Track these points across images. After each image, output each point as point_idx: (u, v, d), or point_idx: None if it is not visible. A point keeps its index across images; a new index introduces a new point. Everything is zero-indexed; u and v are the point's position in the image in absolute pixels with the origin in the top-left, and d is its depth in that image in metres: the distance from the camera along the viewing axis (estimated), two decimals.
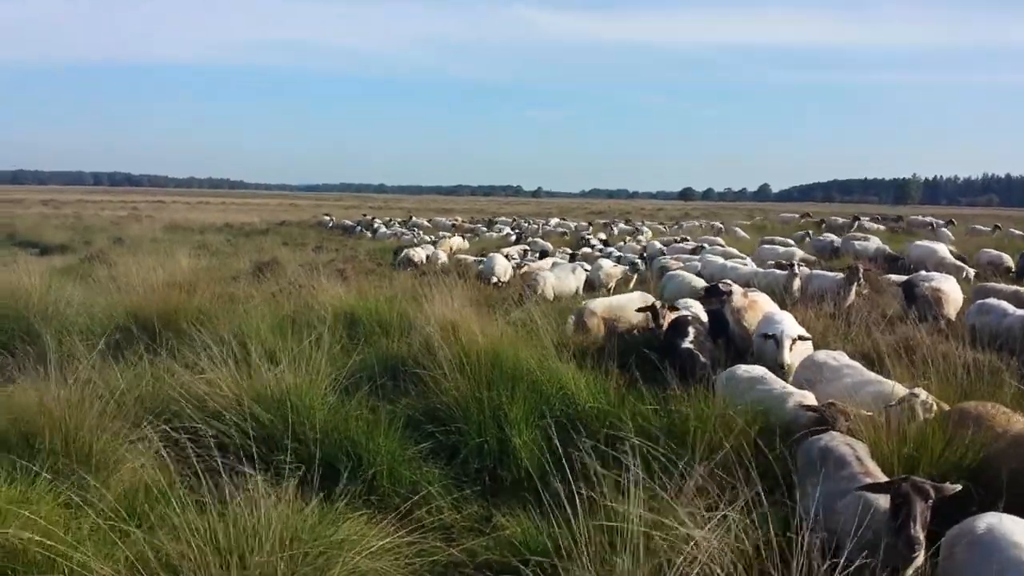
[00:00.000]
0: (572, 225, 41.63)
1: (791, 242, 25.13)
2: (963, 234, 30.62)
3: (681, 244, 24.49)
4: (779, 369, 7.86)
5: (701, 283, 13.61)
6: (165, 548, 4.16)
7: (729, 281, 11.73)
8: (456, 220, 47.24)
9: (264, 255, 21.59)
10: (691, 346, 8.31)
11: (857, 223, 35.51)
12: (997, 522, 3.99)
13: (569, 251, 23.22)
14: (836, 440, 5.33)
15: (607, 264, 17.55)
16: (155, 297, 10.65)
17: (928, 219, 39.03)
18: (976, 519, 4.11)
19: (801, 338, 8.32)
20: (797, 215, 47.99)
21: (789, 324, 8.86)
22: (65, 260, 21.21)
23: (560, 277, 15.51)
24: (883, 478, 4.85)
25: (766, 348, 8.43)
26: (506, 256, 19.90)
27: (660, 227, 41.54)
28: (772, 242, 25.16)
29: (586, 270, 16.68)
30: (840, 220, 39.44)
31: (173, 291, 11.08)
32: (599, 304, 11.31)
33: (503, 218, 50.94)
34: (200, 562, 3.96)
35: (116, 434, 5.88)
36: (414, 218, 48.55)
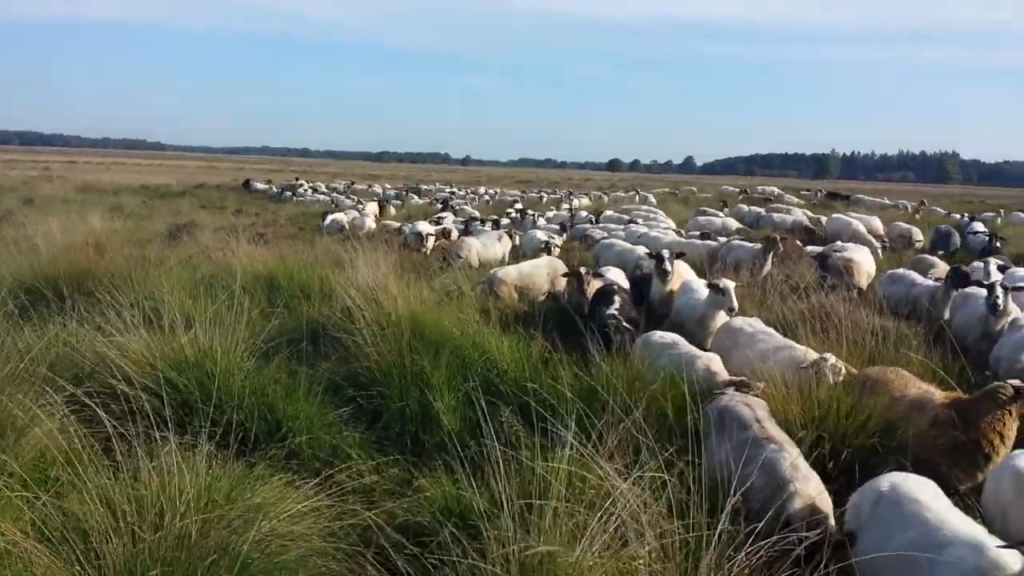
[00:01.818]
0: (519, 194, 41.54)
1: (721, 214, 25.53)
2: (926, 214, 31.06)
3: (619, 215, 24.39)
4: (720, 318, 8.51)
5: (642, 251, 13.68)
6: (74, 512, 4.06)
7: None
8: (394, 188, 46.35)
9: (181, 218, 21.07)
10: (616, 313, 8.43)
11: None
12: (900, 480, 4.18)
13: (494, 218, 23.19)
14: (734, 400, 5.47)
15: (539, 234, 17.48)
16: (66, 259, 10.31)
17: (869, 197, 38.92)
18: (880, 479, 4.29)
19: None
20: (736, 189, 47.78)
21: (704, 291, 9.15)
22: None
23: (486, 244, 15.50)
24: (779, 435, 5.02)
25: (707, 302, 8.76)
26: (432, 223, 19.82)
27: (587, 198, 41.62)
28: (706, 213, 25.58)
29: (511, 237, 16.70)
30: (795, 200, 37.48)
31: (85, 253, 10.75)
32: (509, 272, 11.42)
33: (439, 186, 50.16)
34: (110, 526, 3.87)
35: (24, 399, 5.68)
36: (354, 184, 47.58)
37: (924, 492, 4.05)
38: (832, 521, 4.52)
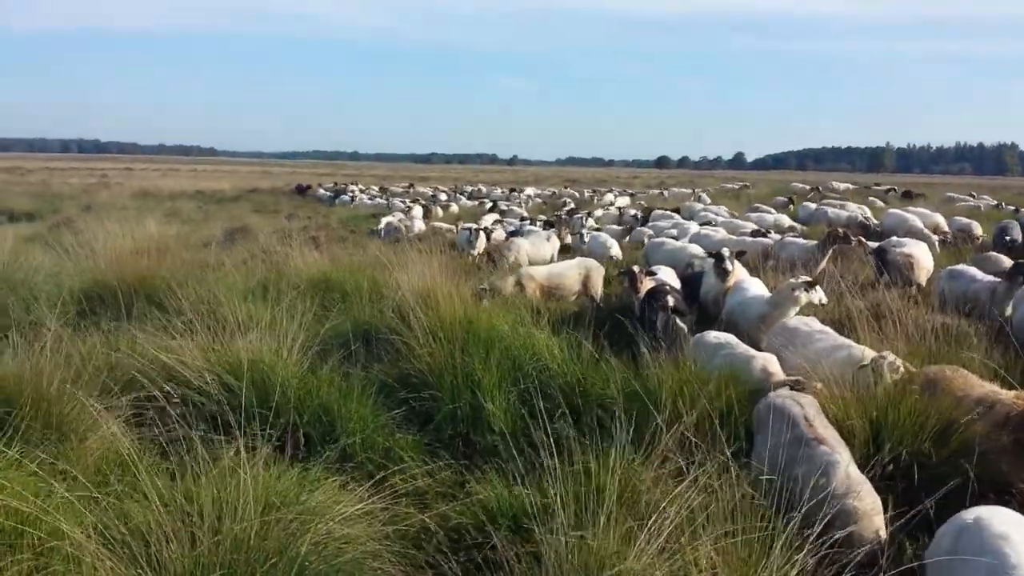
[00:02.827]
0: (576, 194, 41.42)
1: (773, 210, 25.21)
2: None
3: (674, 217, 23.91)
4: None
5: (695, 249, 13.56)
6: (135, 516, 4.13)
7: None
8: (444, 191, 46.37)
9: (235, 222, 21.41)
10: (670, 312, 8.35)
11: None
12: (986, 513, 4.02)
13: (543, 218, 23.17)
14: (783, 397, 5.37)
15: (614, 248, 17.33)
16: (124, 264, 10.52)
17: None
18: (968, 511, 4.13)
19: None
20: (807, 186, 44.11)
21: (757, 289, 9.01)
22: (32, 228, 20.86)
23: (535, 244, 15.48)
24: (829, 435, 4.91)
25: (780, 299, 8.54)
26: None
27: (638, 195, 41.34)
28: (758, 209, 25.30)
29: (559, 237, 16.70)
30: (878, 203, 32.32)
31: (143, 258, 10.95)
32: (539, 271, 11.51)
33: (484, 188, 50.03)
34: (171, 529, 3.94)
35: (85, 403, 5.81)
36: (413, 186, 47.77)
37: (1012, 527, 3.88)
38: (884, 529, 4.44)
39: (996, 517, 3.89)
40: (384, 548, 4.54)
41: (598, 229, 19.29)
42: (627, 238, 18.92)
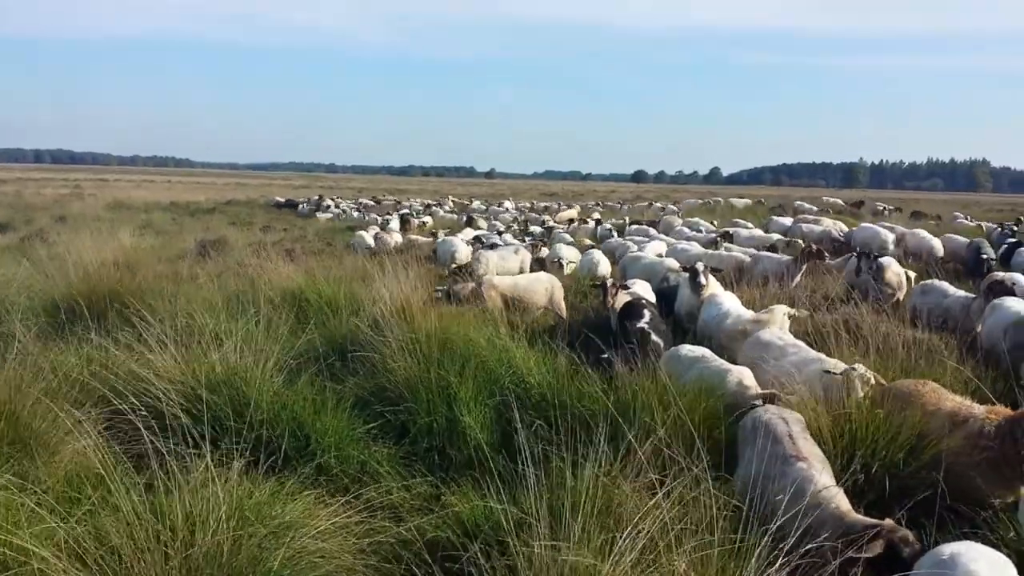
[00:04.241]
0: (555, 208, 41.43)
1: (750, 225, 25.33)
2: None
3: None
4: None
5: (670, 263, 13.63)
6: (106, 530, 4.09)
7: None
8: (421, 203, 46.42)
9: (210, 235, 21.27)
10: (646, 326, 8.39)
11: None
12: (963, 549, 4.06)
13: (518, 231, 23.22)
14: (769, 413, 5.42)
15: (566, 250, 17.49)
16: (98, 277, 10.41)
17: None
18: (945, 545, 4.17)
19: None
20: (814, 208, 40.78)
21: (731, 303, 9.08)
22: (5, 239, 20.63)
23: (504, 257, 15.49)
24: (810, 454, 4.95)
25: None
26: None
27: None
28: (736, 225, 25.43)
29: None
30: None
31: (117, 270, 10.85)
32: (503, 281, 11.57)
33: (454, 200, 50.18)
34: (143, 544, 3.90)
35: (57, 416, 5.74)
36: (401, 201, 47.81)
37: (983, 564, 3.92)
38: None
39: (970, 553, 3.94)
40: (359, 562, 4.52)
41: (593, 246, 19.36)
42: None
